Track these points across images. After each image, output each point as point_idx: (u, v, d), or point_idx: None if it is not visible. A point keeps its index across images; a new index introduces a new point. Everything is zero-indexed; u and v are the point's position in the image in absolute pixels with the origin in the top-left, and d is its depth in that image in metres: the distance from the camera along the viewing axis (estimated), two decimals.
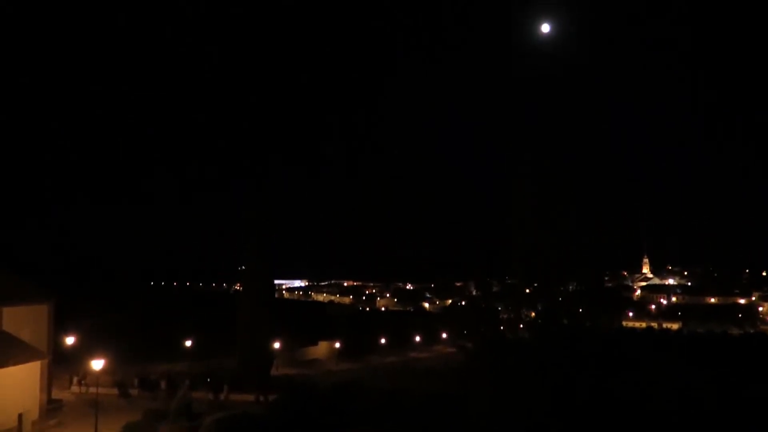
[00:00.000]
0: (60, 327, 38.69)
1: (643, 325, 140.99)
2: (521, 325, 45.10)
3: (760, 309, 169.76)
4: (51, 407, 34.92)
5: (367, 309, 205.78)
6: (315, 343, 76.99)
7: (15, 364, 30.52)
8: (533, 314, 42.78)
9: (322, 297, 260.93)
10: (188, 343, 57.15)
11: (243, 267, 54.52)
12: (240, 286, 77.89)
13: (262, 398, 39.90)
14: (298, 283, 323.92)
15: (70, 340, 41.99)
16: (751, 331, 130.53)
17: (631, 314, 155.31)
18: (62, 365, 43.01)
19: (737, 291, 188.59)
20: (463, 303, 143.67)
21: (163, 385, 42.37)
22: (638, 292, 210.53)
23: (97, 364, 30.23)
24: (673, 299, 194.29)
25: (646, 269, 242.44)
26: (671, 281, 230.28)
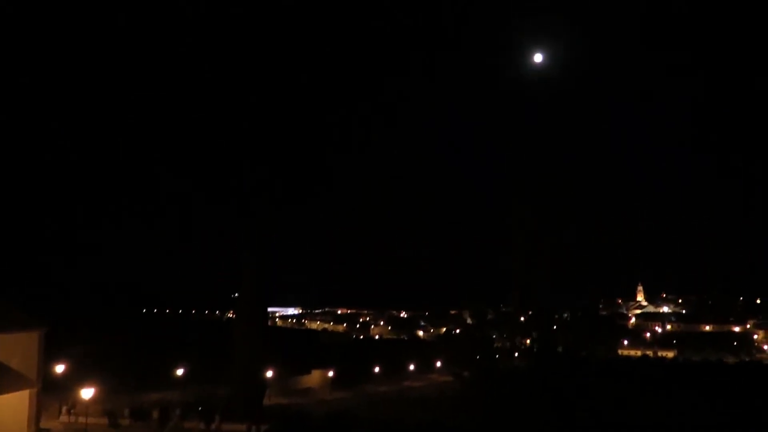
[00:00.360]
0: (50, 354, 38.16)
1: (639, 353, 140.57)
2: (516, 354, 44.84)
3: (755, 337, 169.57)
4: None
5: (361, 337, 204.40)
6: (308, 372, 76.19)
7: (3, 393, 30.04)
8: (528, 342, 42.59)
9: (315, 325, 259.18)
10: (180, 372, 56.44)
11: (237, 294, 54.18)
12: (234, 314, 77.28)
13: (254, 428, 39.28)
14: (291, 311, 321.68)
15: (60, 368, 41.39)
16: (747, 359, 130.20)
17: (626, 342, 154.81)
18: (52, 394, 42.30)
19: (732, 319, 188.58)
20: (458, 331, 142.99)
21: (154, 414, 41.70)
22: (633, 319, 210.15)
23: (87, 393, 29.82)
24: (668, 327, 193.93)
25: (640, 297, 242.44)
26: (666, 309, 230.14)
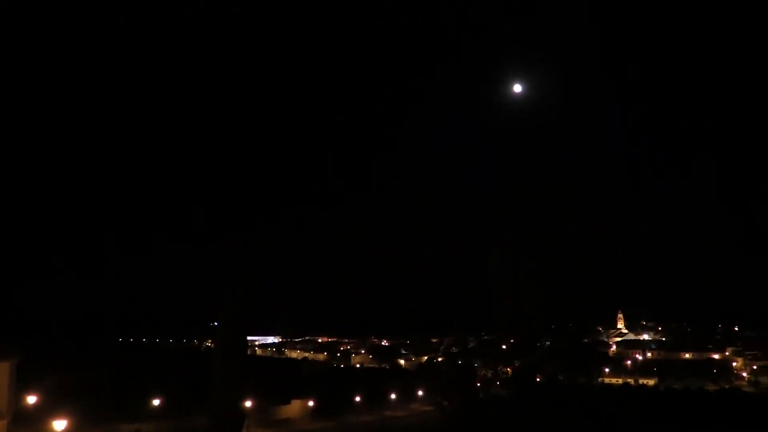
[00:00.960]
0: (22, 385, 37.21)
1: (620, 381, 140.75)
2: (498, 383, 44.82)
3: (734, 364, 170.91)
4: None
5: (342, 366, 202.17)
6: (288, 402, 75.11)
7: None
8: (510, 371, 42.62)
9: (295, 354, 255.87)
10: (156, 402, 55.30)
11: (216, 323, 53.54)
12: (212, 343, 76.33)
13: None
14: (271, 340, 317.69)
15: (31, 399, 40.34)
16: (726, 386, 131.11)
17: (607, 370, 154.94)
18: (23, 426, 41.20)
19: (711, 346, 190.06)
20: (440, 359, 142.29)
21: None
22: (614, 347, 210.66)
23: (60, 425, 29.04)
24: (649, 355, 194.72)
25: (621, 324, 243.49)
26: (646, 336, 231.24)
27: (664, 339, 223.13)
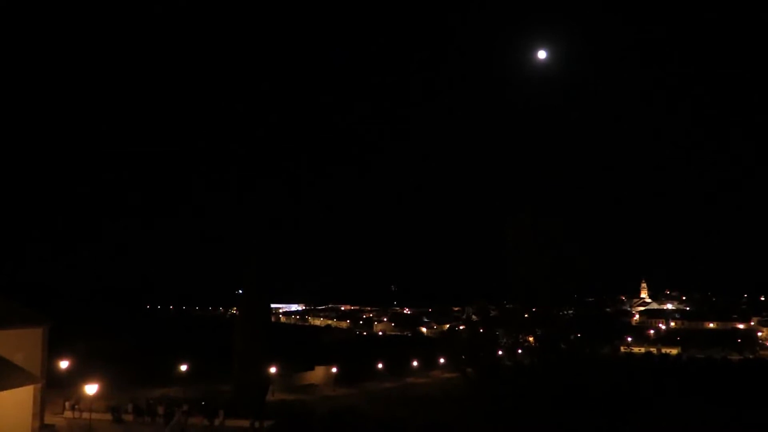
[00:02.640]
0: (54, 351, 38.21)
1: (642, 350, 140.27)
2: (519, 351, 44.81)
3: (759, 334, 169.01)
4: None
5: (365, 333, 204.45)
6: (311, 368, 76.26)
7: (7, 388, 30.05)
8: (532, 340, 42.55)
9: (319, 321, 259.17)
10: (183, 368, 56.55)
11: (240, 291, 54.12)
12: (237, 311, 77.44)
13: (257, 424, 39.29)
14: (295, 308, 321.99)
15: (64, 365, 41.45)
16: (751, 356, 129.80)
17: (629, 339, 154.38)
18: (56, 390, 42.41)
19: (736, 316, 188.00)
20: (461, 328, 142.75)
21: (160, 410, 41.72)
22: (636, 316, 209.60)
23: (91, 389, 29.82)
24: (672, 324, 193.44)
25: (644, 294, 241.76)
26: (669, 306, 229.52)
27: (687, 308, 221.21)
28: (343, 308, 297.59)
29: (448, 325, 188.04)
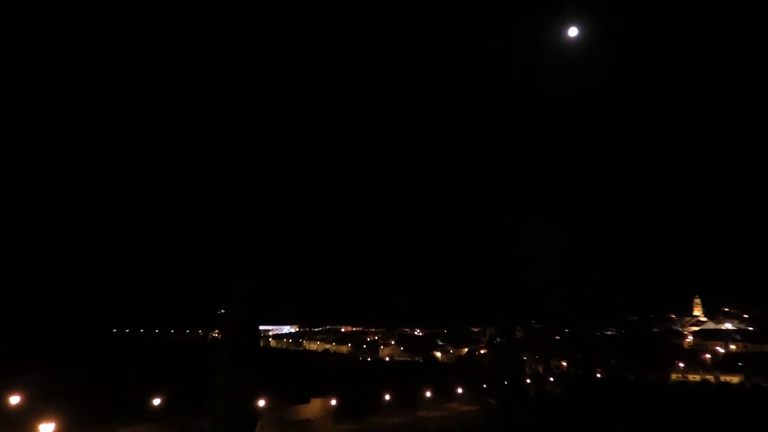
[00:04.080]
0: (4, 384, 38.26)
1: (697, 378, 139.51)
2: (551, 378, 44.70)
3: None
4: None
5: (369, 359, 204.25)
6: (307, 401, 76.09)
7: None
8: (564, 364, 42.43)
9: (315, 345, 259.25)
10: (156, 402, 56.52)
11: (223, 311, 54.17)
12: (219, 333, 77.63)
13: None
14: (287, 330, 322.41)
15: (14, 400, 41.52)
16: None
17: (681, 365, 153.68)
18: (4, 429, 42.48)
19: None
20: (482, 352, 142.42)
21: None
22: (689, 338, 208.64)
23: (47, 429, 29.79)
24: (732, 347, 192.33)
25: (698, 311, 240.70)
26: (728, 326, 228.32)
27: (750, 328, 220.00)
28: (343, 330, 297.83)
29: (466, 349, 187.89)
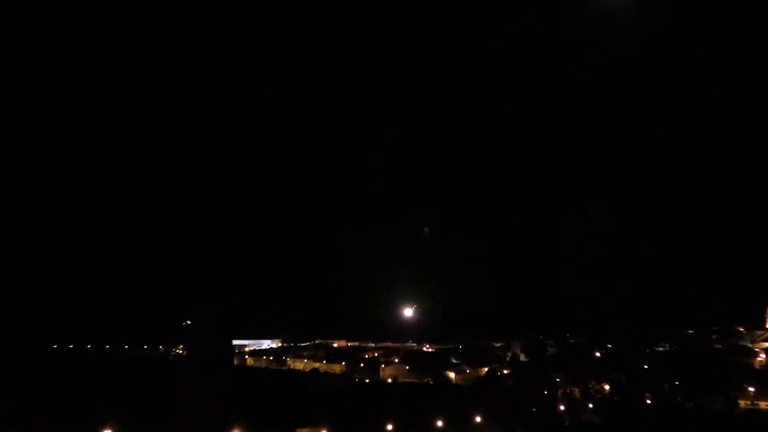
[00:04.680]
0: None
1: None
2: (590, 405, 44.93)
3: None
4: None
5: (367, 381, 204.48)
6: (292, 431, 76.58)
7: None
8: (607, 388, 42.65)
9: (302, 364, 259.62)
10: None
11: (189, 322, 54.32)
12: (184, 349, 78.00)
13: None
14: (267, 345, 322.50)
15: None
16: None
17: (751, 390, 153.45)
18: None
19: None
20: (505, 372, 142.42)
21: None
22: (761, 356, 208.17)
23: None
24: None
25: None
26: None
27: None
28: (336, 345, 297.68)
29: (486, 369, 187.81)
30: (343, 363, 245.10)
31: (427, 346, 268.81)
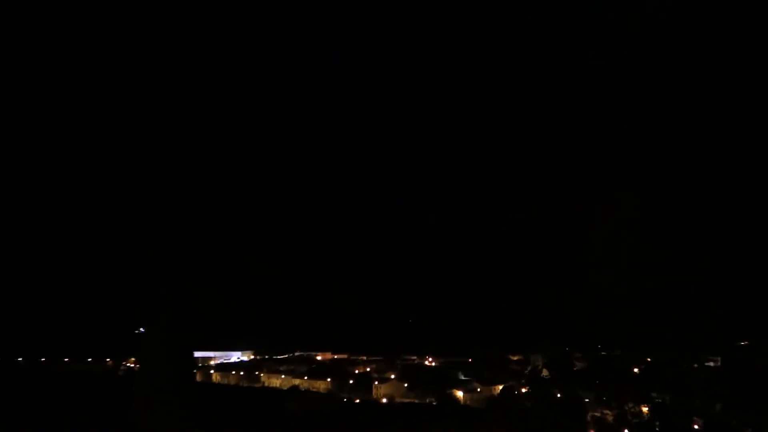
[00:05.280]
0: None
1: None
2: (625, 430, 45.61)
3: None
4: None
5: (357, 401, 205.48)
6: None
7: None
8: (646, 411, 43.27)
9: (278, 381, 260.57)
10: None
11: (142, 329, 54.67)
12: (136, 363, 78.55)
13: None
14: (237, 357, 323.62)
15: None
16: None
17: None
18: None
19: None
20: (523, 391, 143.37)
21: None
22: None
23: None
24: None
25: None
26: None
27: None
28: (319, 358, 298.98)
29: (500, 387, 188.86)
30: (329, 379, 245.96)
31: (430, 359, 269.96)
